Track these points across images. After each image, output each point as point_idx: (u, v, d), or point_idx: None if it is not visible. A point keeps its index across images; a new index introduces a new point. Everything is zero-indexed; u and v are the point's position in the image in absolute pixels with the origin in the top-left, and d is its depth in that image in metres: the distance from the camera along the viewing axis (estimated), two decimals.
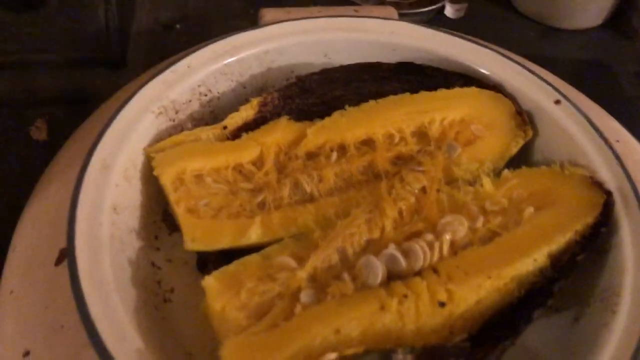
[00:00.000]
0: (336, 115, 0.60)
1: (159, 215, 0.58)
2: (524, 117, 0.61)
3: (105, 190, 0.51)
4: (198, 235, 0.52)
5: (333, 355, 0.41)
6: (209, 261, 0.54)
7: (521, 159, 0.59)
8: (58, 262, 0.55)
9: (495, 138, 0.60)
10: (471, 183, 0.56)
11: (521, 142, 0.60)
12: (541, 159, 0.58)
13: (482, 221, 0.52)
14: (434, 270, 0.48)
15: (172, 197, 0.54)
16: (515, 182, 0.55)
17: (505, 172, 0.56)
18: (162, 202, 0.58)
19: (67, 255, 0.47)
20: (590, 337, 0.47)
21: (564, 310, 0.52)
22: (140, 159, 0.56)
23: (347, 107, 0.60)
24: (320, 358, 0.41)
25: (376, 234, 0.52)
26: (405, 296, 0.46)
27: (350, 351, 0.41)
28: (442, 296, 0.46)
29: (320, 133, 0.58)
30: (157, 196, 0.57)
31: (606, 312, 0.48)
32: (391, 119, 0.59)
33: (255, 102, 0.61)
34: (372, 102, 0.60)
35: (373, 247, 0.51)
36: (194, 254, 0.56)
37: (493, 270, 0.48)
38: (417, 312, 0.45)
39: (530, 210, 0.52)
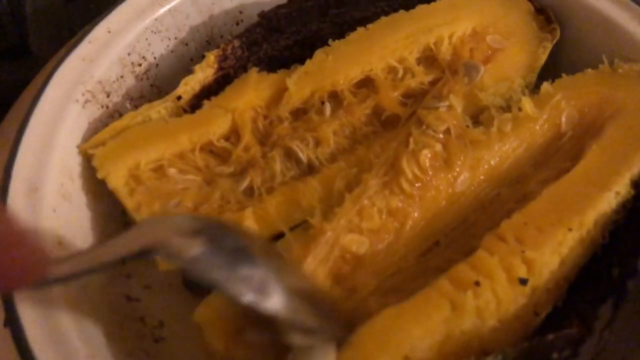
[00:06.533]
0: (319, 54, 0.46)
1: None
2: (547, 14, 0.49)
3: (39, 221, 0.37)
4: None
5: None
6: None
7: (556, 68, 0.47)
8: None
9: (518, 47, 0.48)
10: (504, 108, 0.45)
11: (549, 46, 0.48)
12: (579, 62, 0.47)
13: None
14: (499, 237, 0.37)
15: (128, 203, 0.41)
16: (560, 97, 0.43)
17: (545, 85, 0.44)
18: (120, 211, 0.44)
19: (9, 323, 0.34)
20: None
21: None
22: (76, 166, 0.42)
23: (330, 41, 0.46)
24: None
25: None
26: (478, 283, 0.34)
27: None
28: (521, 270, 0.35)
29: (304, 82, 0.45)
30: (112, 205, 0.43)
31: None
32: (389, 48, 0.46)
33: (212, 57, 0.46)
34: (360, 30, 0.47)
35: None
36: (178, 271, 0.43)
37: (572, 218, 0.37)
38: (497, 302, 0.34)
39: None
